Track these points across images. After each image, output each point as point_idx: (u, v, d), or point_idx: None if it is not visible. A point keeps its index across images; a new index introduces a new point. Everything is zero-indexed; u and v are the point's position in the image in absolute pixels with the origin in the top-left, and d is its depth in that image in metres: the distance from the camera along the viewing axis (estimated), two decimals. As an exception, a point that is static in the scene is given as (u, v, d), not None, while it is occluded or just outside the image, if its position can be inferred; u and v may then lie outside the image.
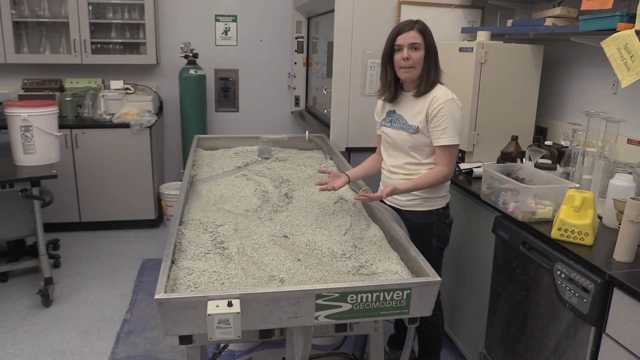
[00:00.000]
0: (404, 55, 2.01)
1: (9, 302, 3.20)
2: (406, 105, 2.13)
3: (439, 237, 2.18)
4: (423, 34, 2.01)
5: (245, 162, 2.81)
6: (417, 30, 2.01)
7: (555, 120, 2.88)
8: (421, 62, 2.02)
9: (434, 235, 2.16)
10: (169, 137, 4.91)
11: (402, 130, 2.11)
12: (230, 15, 4.77)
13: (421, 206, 2.14)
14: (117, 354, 2.72)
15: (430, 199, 2.13)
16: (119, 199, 4.25)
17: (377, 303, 1.46)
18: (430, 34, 2.05)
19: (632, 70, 1.90)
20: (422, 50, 2.01)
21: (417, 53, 2.01)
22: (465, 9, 3.24)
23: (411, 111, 2.09)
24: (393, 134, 2.15)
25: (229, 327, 1.34)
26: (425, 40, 2.02)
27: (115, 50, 4.48)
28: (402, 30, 2.03)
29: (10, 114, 3.04)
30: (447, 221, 2.20)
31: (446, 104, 1.99)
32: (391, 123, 2.17)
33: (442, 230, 2.18)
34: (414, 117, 2.08)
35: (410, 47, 2.00)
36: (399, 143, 2.13)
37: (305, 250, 1.80)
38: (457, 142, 2.03)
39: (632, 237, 1.63)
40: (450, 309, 2.67)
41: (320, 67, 4.31)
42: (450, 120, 1.99)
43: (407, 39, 2.00)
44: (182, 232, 1.84)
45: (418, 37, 2.00)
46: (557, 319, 1.82)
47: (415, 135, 2.07)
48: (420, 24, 2.04)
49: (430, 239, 2.15)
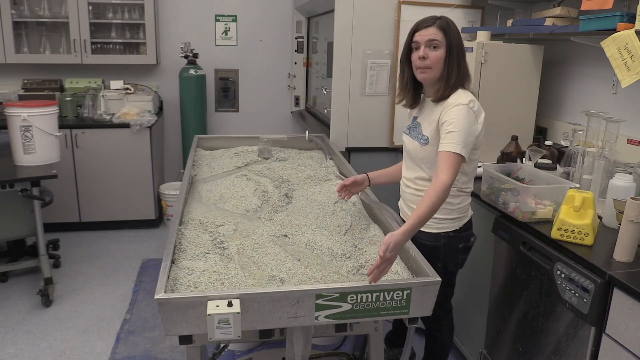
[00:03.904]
0: (420, 53, 1.79)
1: (9, 302, 3.20)
2: (425, 112, 1.92)
3: (446, 262, 1.97)
4: (444, 30, 1.78)
5: (245, 162, 2.81)
6: (437, 27, 1.78)
7: (555, 120, 2.88)
8: (441, 63, 1.79)
9: (439, 260, 1.95)
10: (169, 137, 4.91)
11: (415, 139, 1.92)
12: (230, 15, 4.77)
13: (426, 227, 1.88)
14: (117, 354, 2.72)
15: (438, 220, 1.91)
16: (119, 199, 4.25)
17: (377, 303, 1.46)
18: (456, 31, 1.82)
19: (632, 70, 1.90)
20: (442, 48, 1.78)
21: (435, 52, 1.78)
22: (465, 9, 3.24)
23: (428, 119, 1.88)
24: (408, 143, 1.97)
25: (229, 327, 1.34)
26: (447, 37, 1.78)
27: (115, 50, 4.48)
28: (421, 27, 1.81)
29: (10, 114, 3.04)
30: (460, 246, 1.97)
31: (456, 108, 1.75)
32: (410, 130, 1.98)
33: (450, 256, 1.97)
34: (428, 126, 1.86)
35: (429, 44, 1.78)
36: (412, 154, 1.95)
37: (305, 250, 1.80)
38: (460, 151, 1.70)
39: (632, 237, 1.63)
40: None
41: (320, 67, 4.31)
42: (456, 125, 1.72)
43: (425, 36, 1.79)
44: (182, 232, 1.84)
45: (438, 34, 1.78)
46: (557, 319, 1.82)
47: (425, 147, 1.87)
48: (443, 20, 1.80)
49: (435, 263, 1.88)
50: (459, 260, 2.02)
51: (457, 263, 2.02)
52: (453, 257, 1.99)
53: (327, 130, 3.38)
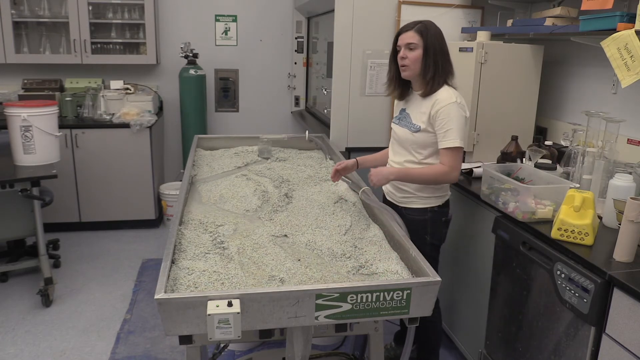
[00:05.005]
0: (401, 54, 2.12)
1: (9, 302, 3.20)
2: (414, 104, 2.21)
3: (433, 235, 2.24)
4: (421, 33, 2.08)
5: (245, 162, 2.81)
6: (415, 31, 2.09)
7: (555, 120, 2.88)
8: (418, 62, 2.09)
9: (427, 233, 2.22)
10: (169, 137, 4.91)
11: (406, 128, 2.20)
12: (230, 15, 4.77)
13: (415, 203, 2.22)
14: (117, 354, 2.72)
15: (425, 197, 2.20)
16: (119, 199, 4.25)
17: (377, 303, 1.46)
18: (433, 34, 2.09)
19: (632, 70, 1.90)
20: (418, 50, 2.08)
21: (413, 53, 2.09)
22: (465, 9, 3.24)
23: (417, 110, 2.17)
24: (398, 131, 2.24)
25: (229, 327, 1.34)
26: (423, 40, 2.08)
27: (115, 50, 4.48)
28: (402, 31, 2.13)
29: (10, 114, 3.04)
30: (443, 219, 2.25)
31: (448, 107, 2.04)
32: (399, 120, 2.26)
33: (436, 228, 2.24)
34: (419, 117, 2.15)
35: (407, 47, 2.10)
36: (402, 140, 2.22)
37: (305, 250, 1.80)
38: (460, 144, 2.05)
39: (632, 237, 1.63)
40: (450, 309, 2.67)
41: (320, 67, 4.31)
42: (452, 123, 2.04)
43: (404, 40, 2.11)
44: (182, 232, 1.84)
45: (415, 37, 2.08)
46: (557, 319, 1.82)
47: (416, 134, 2.14)
48: (421, 25, 2.10)
49: (424, 236, 2.21)
50: (442, 234, 2.28)
51: (440, 237, 2.28)
52: (438, 229, 2.25)
53: (327, 130, 3.39)
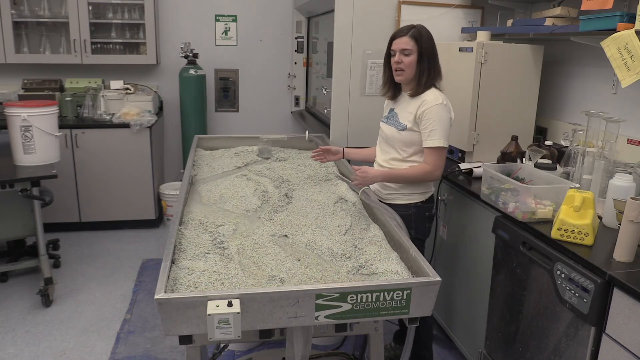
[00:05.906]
0: (396, 59, 2.16)
1: (9, 302, 3.20)
2: (402, 104, 2.27)
3: (417, 229, 2.29)
4: (416, 39, 2.12)
5: (245, 162, 2.81)
6: (409, 37, 2.12)
7: (555, 120, 2.88)
8: (412, 66, 2.14)
9: (412, 227, 2.24)
10: (169, 137, 4.91)
11: (393, 126, 2.26)
12: (230, 15, 4.77)
13: (399, 199, 2.29)
14: (117, 354, 2.72)
15: (408, 193, 2.28)
16: (119, 199, 4.25)
17: (377, 303, 1.46)
18: (427, 39, 2.14)
19: (632, 70, 1.90)
20: (413, 55, 2.13)
21: (408, 58, 2.13)
22: (465, 9, 3.24)
23: (405, 110, 2.23)
24: (386, 130, 2.31)
25: (229, 327, 1.34)
26: (418, 45, 2.12)
27: (115, 50, 4.48)
28: (396, 36, 2.17)
29: (10, 114, 3.04)
30: (427, 214, 2.32)
31: (434, 108, 2.10)
32: (387, 119, 2.33)
33: (420, 223, 2.30)
34: (406, 116, 2.21)
35: (402, 52, 2.13)
36: (389, 138, 2.28)
37: (305, 250, 1.80)
38: (444, 144, 2.12)
39: (632, 237, 1.63)
40: (450, 309, 2.67)
41: (320, 67, 4.31)
42: (437, 124, 2.10)
43: (399, 45, 2.14)
44: (182, 232, 1.84)
45: (409, 43, 2.12)
46: (557, 319, 1.82)
47: (402, 133, 2.21)
48: (415, 30, 2.13)
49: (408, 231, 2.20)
50: (426, 229, 2.35)
51: (424, 231, 2.35)
52: (422, 224, 2.31)
53: (327, 130, 3.38)
